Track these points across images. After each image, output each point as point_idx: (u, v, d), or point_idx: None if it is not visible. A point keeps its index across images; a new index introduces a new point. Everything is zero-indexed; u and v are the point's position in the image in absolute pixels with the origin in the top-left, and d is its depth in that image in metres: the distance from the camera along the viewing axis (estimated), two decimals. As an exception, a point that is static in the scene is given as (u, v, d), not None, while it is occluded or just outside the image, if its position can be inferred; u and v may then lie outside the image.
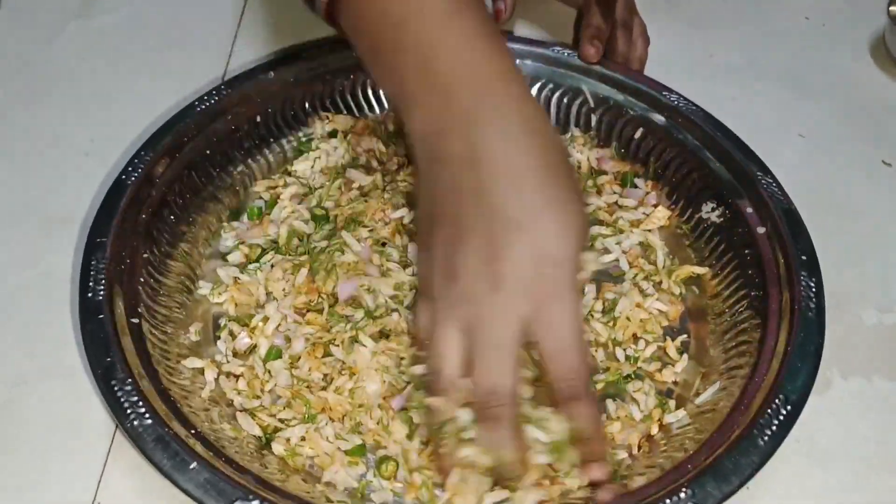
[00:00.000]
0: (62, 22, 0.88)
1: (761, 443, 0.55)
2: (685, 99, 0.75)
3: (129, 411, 0.55)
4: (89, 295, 0.60)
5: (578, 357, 0.51)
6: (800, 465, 0.60)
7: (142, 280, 0.63)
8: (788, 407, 0.56)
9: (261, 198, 0.74)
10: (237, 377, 0.63)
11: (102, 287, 0.60)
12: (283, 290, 0.66)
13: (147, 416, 0.54)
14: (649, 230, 0.71)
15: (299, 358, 0.63)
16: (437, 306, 0.53)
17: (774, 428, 0.55)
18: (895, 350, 0.66)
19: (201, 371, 0.62)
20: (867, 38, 0.90)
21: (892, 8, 0.86)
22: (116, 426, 0.60)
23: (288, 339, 0.64)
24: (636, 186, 0.75)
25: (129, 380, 0.56)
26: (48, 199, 0.73)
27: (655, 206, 0.73)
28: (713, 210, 0.71)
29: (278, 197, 0.73)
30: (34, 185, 0.74)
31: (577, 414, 0.52)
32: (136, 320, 0.60)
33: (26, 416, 0.61)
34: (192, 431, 0.55)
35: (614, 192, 0.75)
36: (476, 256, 0.50)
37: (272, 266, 0.67)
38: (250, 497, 0.51)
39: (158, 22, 0.89)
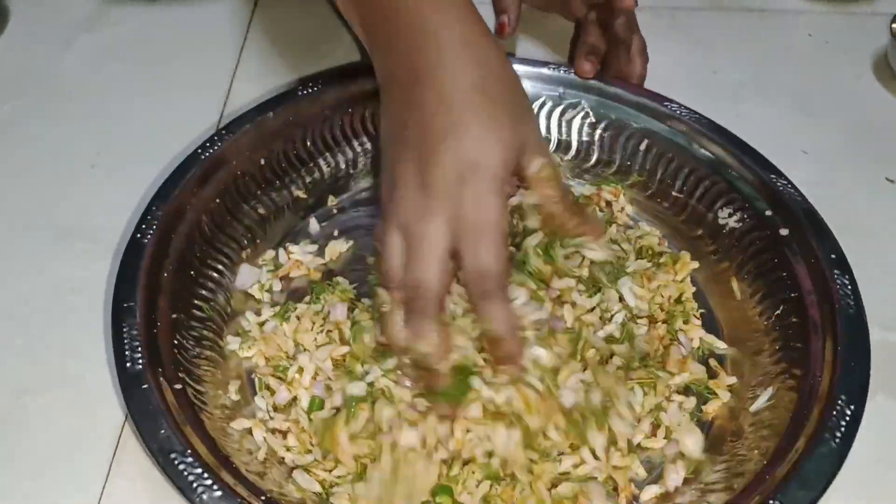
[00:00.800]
0: (70, 36, 0.89)
1: (834, 445, 0.55)
2: (686, 108, 0.76)
3: (195, 485, 0.51)
4: (128, 364, 0.56)
5: (492, 255, 0.53)
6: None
7: (175, 342, 0.60)
8: (852, 406, 0.57)
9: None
10: (284, 433, 0.61)
11: (140, 355, 0.57)
12: (315, 340, 0.64)
13: (216, 488, 0.51)
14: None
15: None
16: (384, 215, 0.57)
17: (843, 429, 0.56)
18: (900, 368, 0.67)
19: (249, 431, 0.60)
20: (870, 55, 0.92)
21: (894, 26, 0.87)
22: (120, 434, 0.60)
23: (329, 389, 0.62)
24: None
25: (189, 451, 0.53)
26: (54, 210, 0.74)
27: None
28: (730, 216, 0.71)
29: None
30: (40, 196, 0.75)
31: (488, 313, 0.54)
32: (178, 386, 0.57)
33: (30, 426, 0.60)
34: (263, 498, 0.53)
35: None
36: (411, 166, 0.54)
37: (298, 318, 0.65)
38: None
39: (165, 36, 0.90)
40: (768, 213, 0.69)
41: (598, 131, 0.78)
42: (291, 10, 0.92)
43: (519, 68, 0.77)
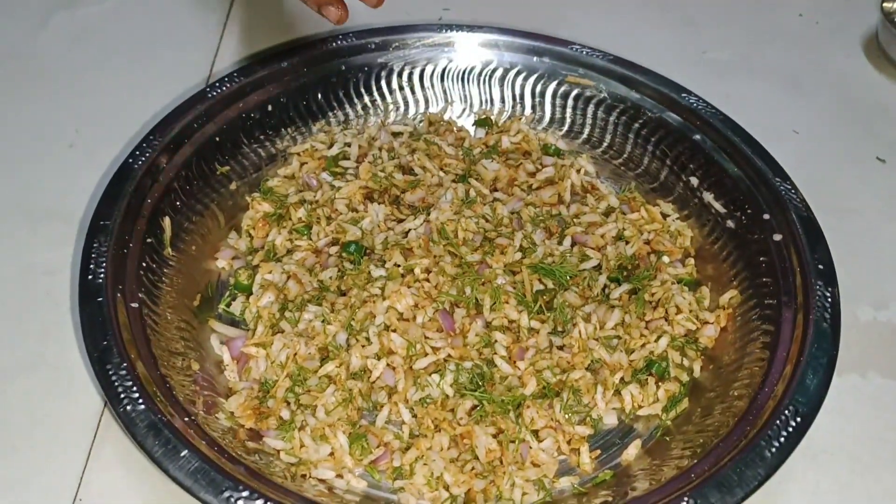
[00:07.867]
0: (47, 14, 0.87)
1: (768, 455, 0.53)
2: (703, 101, 0.74)
3: (122, 396, 0.53)
4: (89, 277, 0.59)
5: None
6: (793, 461, 0.56)
7: (144, 265, 0.62)
8: (798, 419, 0.54)
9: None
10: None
11: (103, 270, 0.59)
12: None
13: (140, 401, 0.53)
14: None
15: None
16: None
17: (782, 440, 0.54)
18: (890, 346, 0.65)
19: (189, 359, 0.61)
20: (860, 35, 0.90)
21: (885, 5, 0.86)
22: (99, 420, 0.59)
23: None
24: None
25: (125, 364, 0.55)
26: (32, 191, 0.72)
27: None
28: (729, 215, 0.69)
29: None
30: (18, 177, 0.73)
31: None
32: (135, 305, 0.60)
33: (7, 412, 0.59)
34: (187, 419, 0.54)
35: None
36: None
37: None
38: (240, 488, 0.50)
39: (144, 14, 0.88)
40: (766, 216, 0.67)
41: (613, 116, 0.76)
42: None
43: (540, 45, 0.78)
